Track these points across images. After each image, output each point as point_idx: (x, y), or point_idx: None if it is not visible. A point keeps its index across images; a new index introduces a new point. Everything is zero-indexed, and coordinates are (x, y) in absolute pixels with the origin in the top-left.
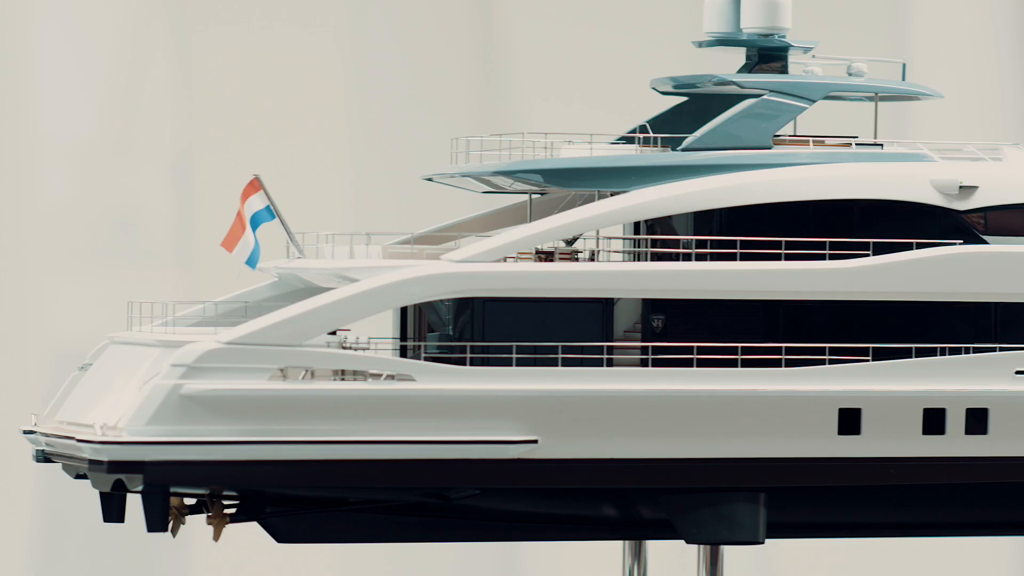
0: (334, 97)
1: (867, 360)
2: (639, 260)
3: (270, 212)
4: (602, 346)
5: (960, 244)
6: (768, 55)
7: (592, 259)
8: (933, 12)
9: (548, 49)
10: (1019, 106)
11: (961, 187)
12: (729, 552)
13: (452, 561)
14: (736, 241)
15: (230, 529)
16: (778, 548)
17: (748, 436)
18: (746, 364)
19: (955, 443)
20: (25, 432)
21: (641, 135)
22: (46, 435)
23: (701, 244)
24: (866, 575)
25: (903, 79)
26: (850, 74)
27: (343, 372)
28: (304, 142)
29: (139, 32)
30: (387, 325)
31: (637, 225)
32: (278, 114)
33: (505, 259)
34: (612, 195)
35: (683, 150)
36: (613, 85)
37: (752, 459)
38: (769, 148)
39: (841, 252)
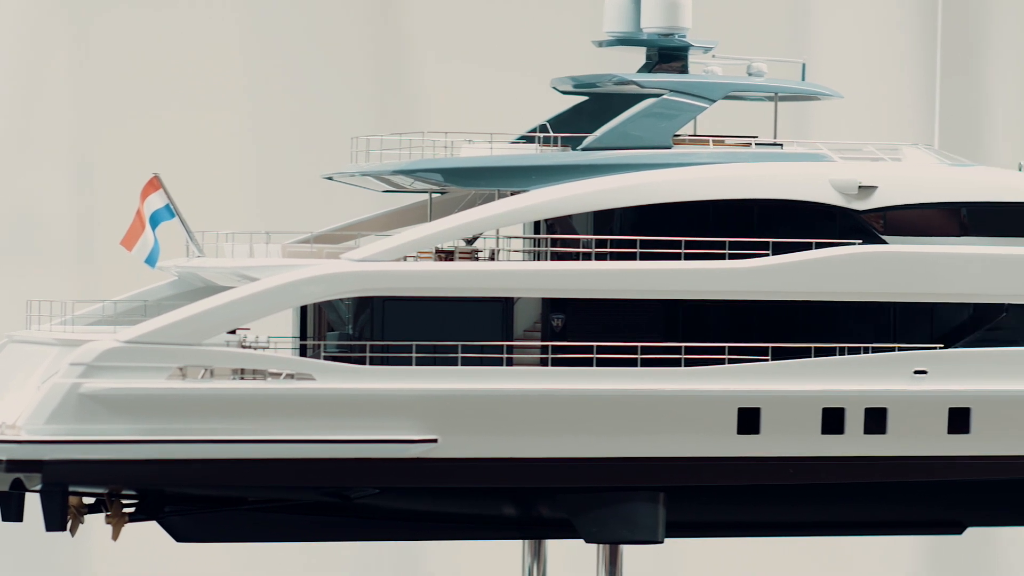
0: (234, 96)
1: (766, 360)
2: (539, 259)
3: (170, 211)
4: (502, 345)
5: (859, 244)
6: (668, 55)
7: (492, 258)
8: (833, 12)
9: (449, 47)
10: (919, 106)
11: (860, 187)
12: (629, 552)
13: (352, 561)
14: (636, 241)
15: (129, 528)
16: (678, 547)
17: (648, 435)
18: (646, 364)
19: (854, 442)
20: None
21: (541, 134)
22: None
23: (601, 243)
24: (766, 575)
25: (803, 79)
26: (750, 74)
27: (242, 371)
28: (204, 141)
29: (39, 26)
30: (287, 324)
31: (537, 224)
32: (178, 112)
33: (405, 258)
34: (512, 194)
35: (583, 149)
36: (513, 84)
37: (651, 458)
38: (669, 148)
39: (740, 252)
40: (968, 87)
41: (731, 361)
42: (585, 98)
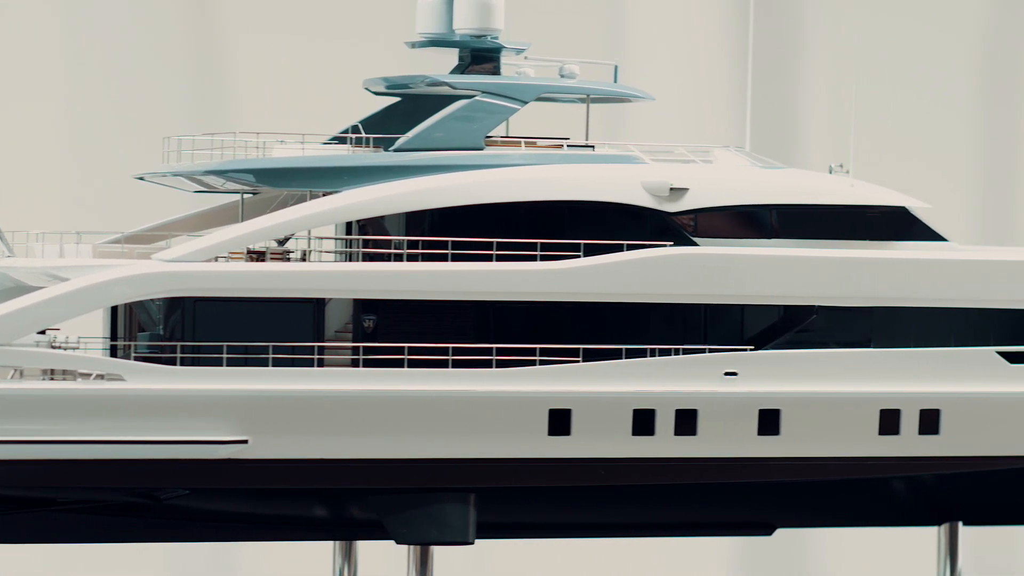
0: (46, 94)
1: (577, 361)
2: (351, 260)
3: None
4: (313, 346)
5: (670, 246)
6: (480, 56)
7: (303, 259)
8: (647, 15)
9: (262, 48)
10: (730, 108)
11: (671, 189)
12: (439, 552)
13: (164, 561)
14: (447, 242)
15: None
16: (488, 548)
17: (458, 436)
18: (457, 365)
19: (664, 444)
20: None
21: (353, 135)
22: None
23: (412, 245)
24: (578, 575)
25: (615, 81)
26: (562, 76)
27: (52, 372)
28: (15, 139)
29: None
30: (98, 324)
31: (349, 225)
32: None
33: (216, 259)
34: (324, 195)
35: (395, 151)
36: (326, 85)
37: (462, 460)
38: (481, 149)
39: (552, 253)
40: (781, 89)
41: (542, 362)
42: (397, 99)
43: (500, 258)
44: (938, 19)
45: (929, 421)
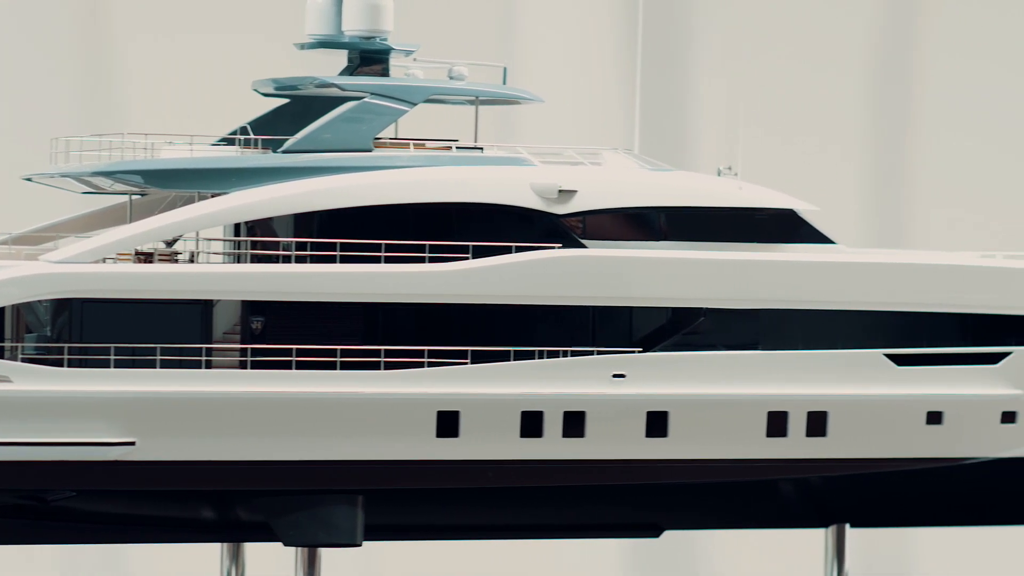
0: None
1: (466, 363)
2: (239, 262)
3: None
4: (201, 348)
5: (559, 248)
6: (369, 58)
7: (192, 261)
8: (536, 17)
9: (151, 49)
10: (619, 111)
11: (560, 191)
12: (327, 554)
13: (51, 563)
14: (336, 243)
15: None
16: (377, 550)
17: (346, 438)
18: (345, 366)
19: (552, 446)
20: None
21: (242, 137)
22: None
23: (301, 246)
24: None
25: (504, 83)
26: (451, 78)
27: None
28: None
29: None
30: None
31: (237, 227)
32: None
33: (104, 260)
34: (212, 196)
35: (284, 152)
36: (215, 86)
37: (350, 461)
38: (370, 151)
39: (441, 255)
40: (670, 92)
41: (430, 364)
42: (286, 100)
43: (389, 260)
44: (829, 23)
45: (816, 423)
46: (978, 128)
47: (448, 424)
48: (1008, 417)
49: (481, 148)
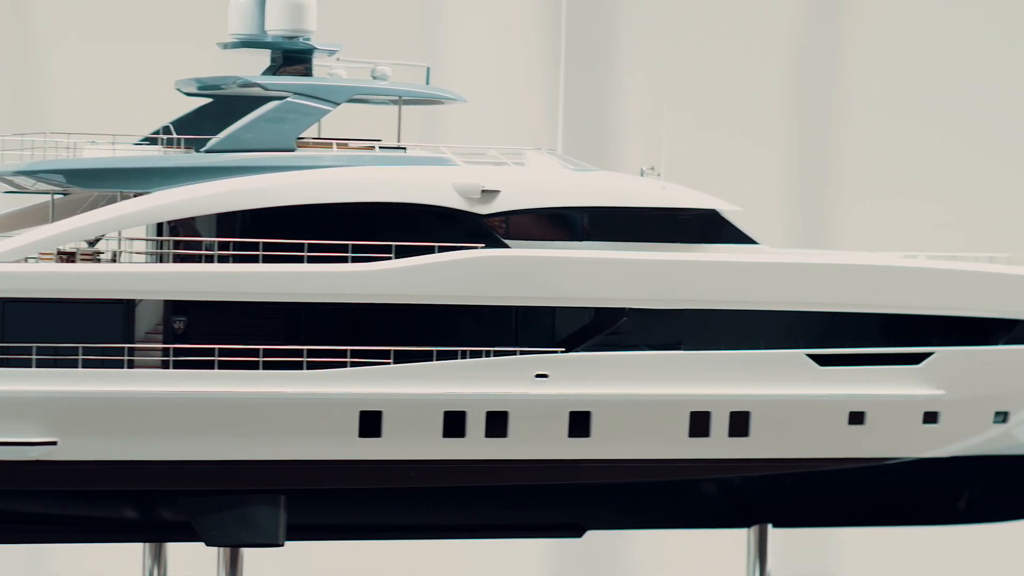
0: None
1: (388, 363)
2: (161, 262)
3: None
4: (123, 347)
5: (482, 248)
6: (292, 58)
7: (114, 260)
8: (459, 17)
9: (74, 48)
10: (543, 110)
11: (483, 191)
12: (249, 554)
13: None
14: (258, 243)
15: None
16: (300, 550)
17: (269, 438)
18: (268, 366)
19: (475, 446)
20: None
21: (165, 136)
22: None
23: (223, 246)
24: None
25: (427, 83)
26: (374, 77)
27: None
28: None
29: None
30: None
31: (160, 226)
32: None
33: (26, 259)
34: (135, 196)
35: (206, 152)
36: (138, 86)
37: (272, 461)
38: (293, 150)
39: (364, 255)
40: (593, 92)
41: (353, 364)
42: (209, 100)
43: (312, 260)
44: (752, 23)
45: (739, 423)
46: (903, 128)
47: (371, 424)
48: (930, 417)
49: (404, 148)
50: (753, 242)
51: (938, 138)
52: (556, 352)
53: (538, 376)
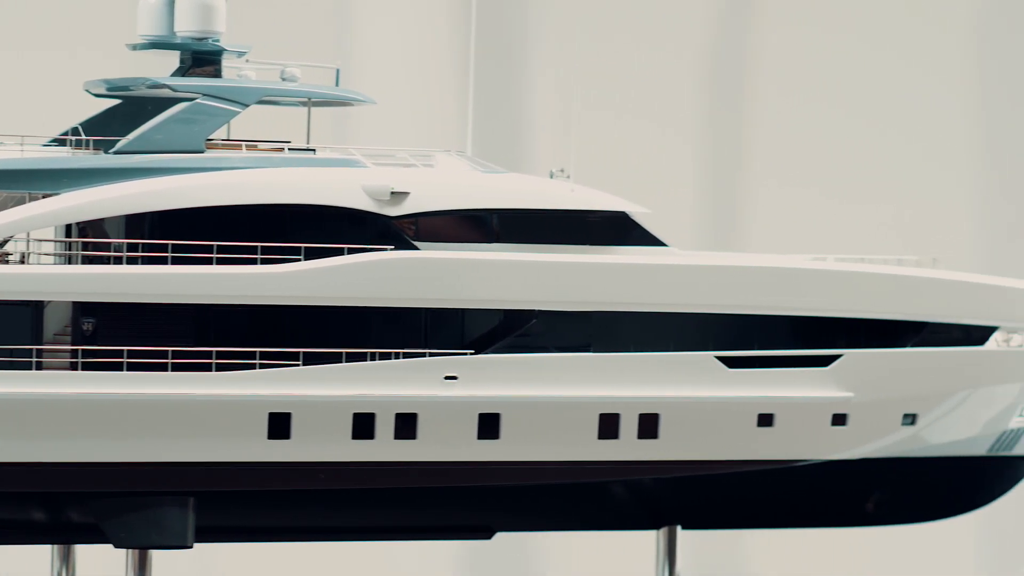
0: None
1: (298, 365)
2: (70, 263)
3: None
4: (31, 349)
5: (391, 250)
6: (202, 59)
7: (22, 261)
8: (370, 18)
9: None
10: (453, 112)
11: (392, 193)
12: (159, 556)
13: None
14: (167, 245)
15: None
16: (209, 552)
17: (178, 440)
18: (177, 368)
19: (384, 448)
20: None
21: (73, 137)
22: None
23: (132, 247)
24: None
25: (336, 84)
26: (284, 79)
27: None
28: None
29: None
30: None
31: (69, 228)
32: None
33: None
34: (43, 197)
35: (115, 153)
36: (47, 87)
37: (181, 463)
38: (202, 152)
39: (273, 257)
40: (504, 94)
41: (262, 366)
42: (119, 101)
43: (221, 261)
44: (664, 24)
45: (648, 425)
46: (817, 126)
47: (280, 426)
48: (839, 419)
49: (313, 150)
50: (662, 244)
51: (851, 135)
52: (465, 354)
53: (447, 378)
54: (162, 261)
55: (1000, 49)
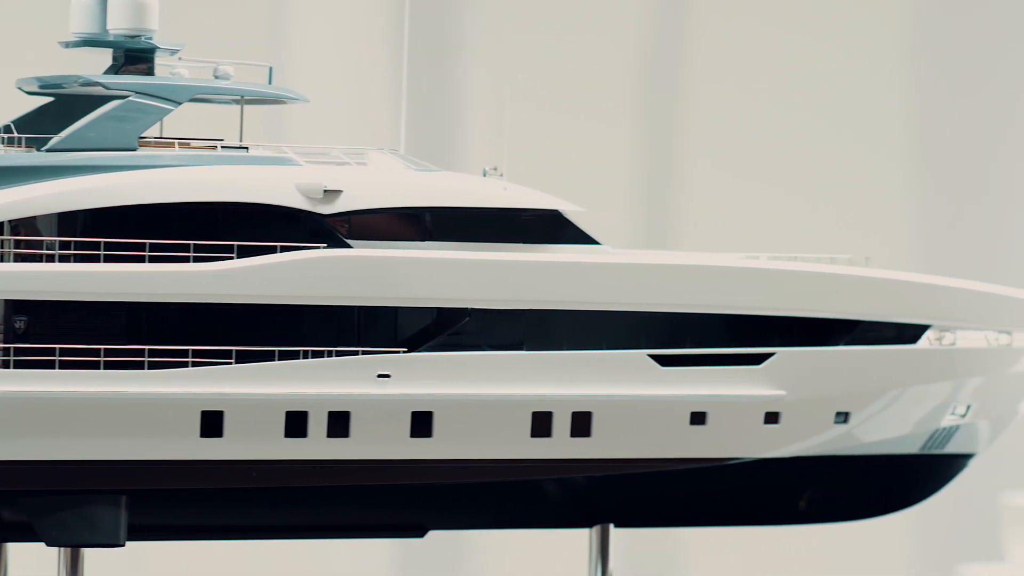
0: None
1: (230, 363)
2: (2, 261)
3: None
4: None
5: (324, 248)
6: (134, 57)
7: None
8: (303, 16)
9: None
10: (387, 110)
11: (325, 191)
12: (91, 555)
13: None
14: (100, 243)
15: None
16: (142, 550)
17: (110, 438)
18: (109, 366)
19: (317, 446)
20: None
21: (5, 135)
22: None
23: (64, 245)
24: None
25: (270, 83)
26: (217, 77)
27: None
28: None
29: None
30: None
31: (1, 225)
32: None
33: None
34: None
35: (47, 151)
36: None
37: (113, 461)
38: (134, 150)
39: (206, 255)
40: (437, 92)
41: (195, 364)
42: (51, 99)
43: (153, 259)
44: (597, 21)
45: (581, 423)
46: (751, 130)
47: (212, 424)
48: (771, 418)
49: (246, 148)
50: (595, 242)
51: (786, 132)
52: (398, 352)
53: (380, 376)
54: (94, 259)
55: (937, 44)
